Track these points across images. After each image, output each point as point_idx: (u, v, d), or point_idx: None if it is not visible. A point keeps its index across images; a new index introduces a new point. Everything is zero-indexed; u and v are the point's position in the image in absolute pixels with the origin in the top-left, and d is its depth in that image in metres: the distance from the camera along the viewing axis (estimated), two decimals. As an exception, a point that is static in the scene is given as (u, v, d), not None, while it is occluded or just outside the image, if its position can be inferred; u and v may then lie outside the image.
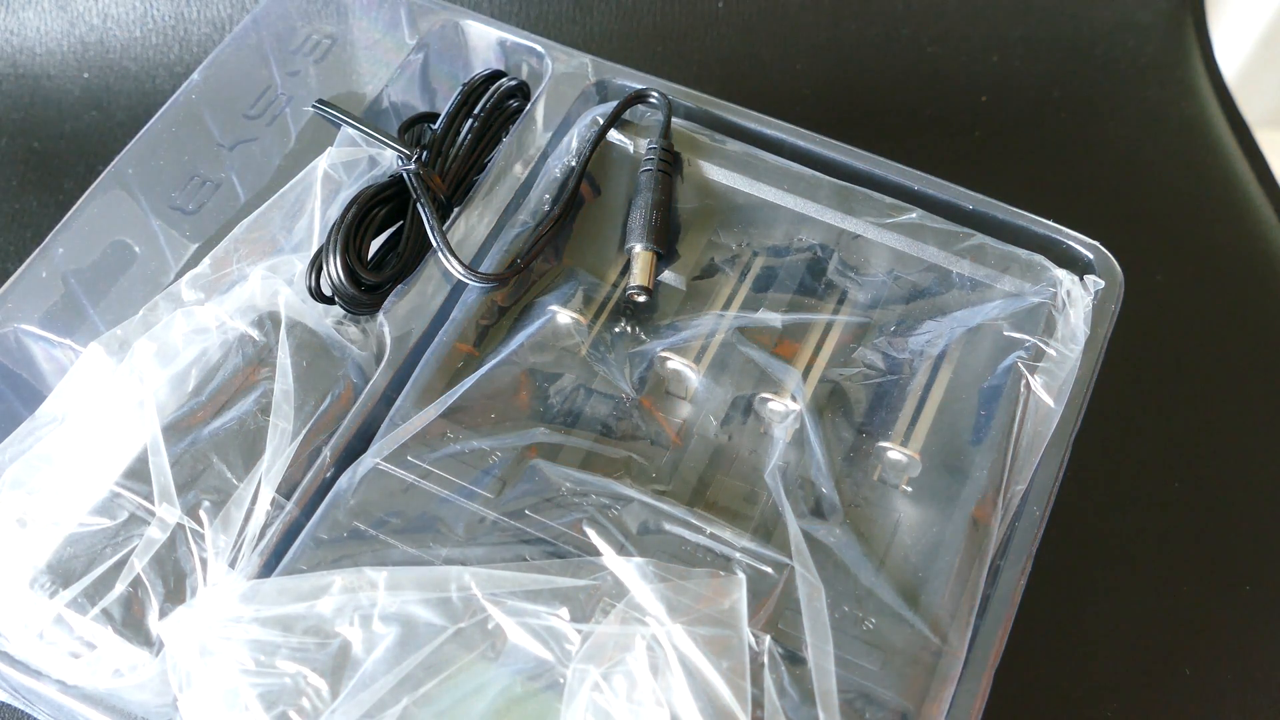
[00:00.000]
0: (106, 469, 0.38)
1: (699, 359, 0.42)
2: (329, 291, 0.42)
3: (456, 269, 0.42)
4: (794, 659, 0.35)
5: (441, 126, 0.46)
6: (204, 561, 0.37)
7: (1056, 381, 0.40)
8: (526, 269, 0.43)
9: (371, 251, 0.44)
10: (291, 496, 0.38)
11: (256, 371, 0.41)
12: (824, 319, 0.43)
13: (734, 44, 0.66)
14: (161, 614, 0.36)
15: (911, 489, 0.40)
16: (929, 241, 0.44)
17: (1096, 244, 0.44)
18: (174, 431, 0.39)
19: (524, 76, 0.50)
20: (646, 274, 0.43)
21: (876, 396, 0.42)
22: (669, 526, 0.37)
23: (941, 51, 0.66)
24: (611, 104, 0.47)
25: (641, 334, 0.43)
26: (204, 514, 0.37)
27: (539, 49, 0.49)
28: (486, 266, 0.43)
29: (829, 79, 0.66)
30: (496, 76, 0.48)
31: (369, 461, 0.38)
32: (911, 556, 0.38)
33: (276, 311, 0.41)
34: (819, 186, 0.45)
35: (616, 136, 0.47)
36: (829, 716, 0.34)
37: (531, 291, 0.44)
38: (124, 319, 0.42)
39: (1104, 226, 0.46)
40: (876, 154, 0.46)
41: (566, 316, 0.42)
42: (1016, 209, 0.45)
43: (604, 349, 0.42)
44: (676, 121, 0.47)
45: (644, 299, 0.43)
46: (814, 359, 0.42)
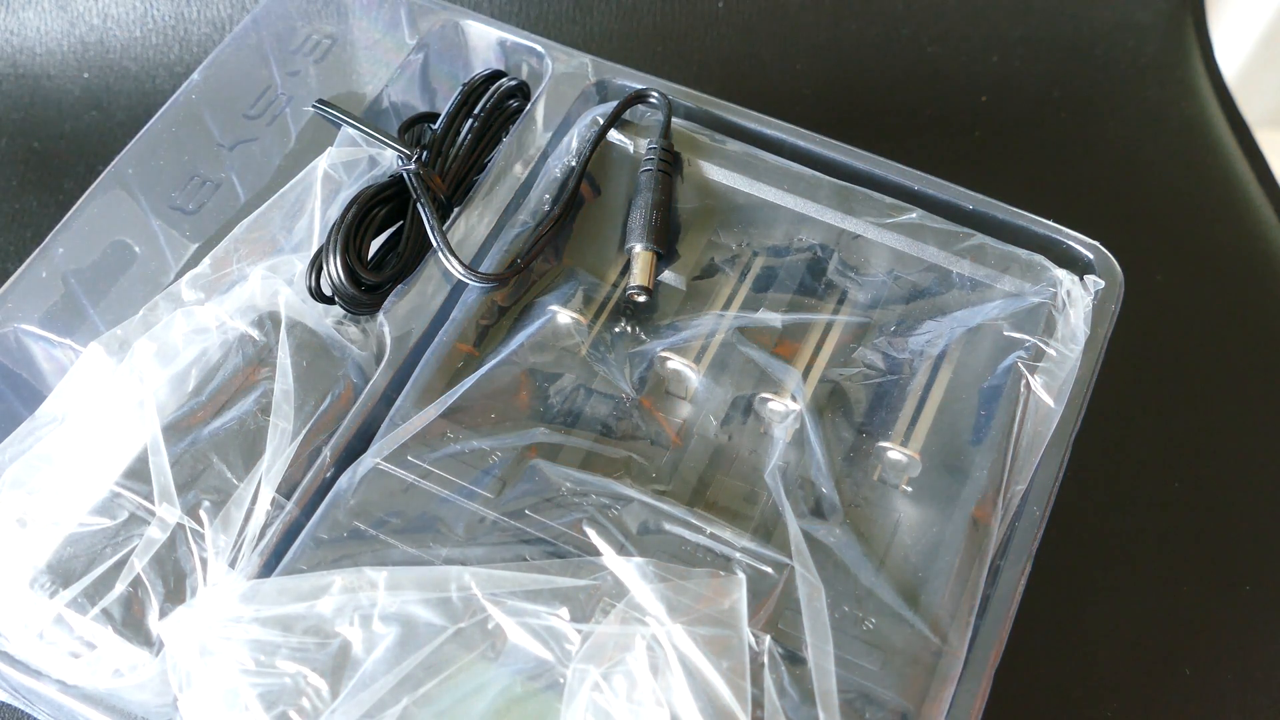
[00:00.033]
0: (106, 469, 0.38)
1: (699, 359, 0.42)
2: (329, 291, 0.42)
3: (456, 269, 0.42)
4: (794, 659, 0.35)
5: (441, 126, 0.46)
6: (204, 561, 0.37)
7: (1056, 381, 0.40)
8: (526, 269, 0.43)
9: (371, 251, 0.44)
10: (291, 496, 0.38)
11: (256, 371, 0.41)
12: (824, 319, 0.43)
13: (734, 44, 0.66)
14: (161, 614, 0.36)
15: (911, 489, 0.40)
16: (929, 241, 0.44)
17: (1096, 244, 0.44)
18: (174, 431, 0.39)
19: (524, 76, 0.50)
20: (646, 274, 0.43)
21: (876, 396, 0.42)
22: (669, 526, 0.37)
23: (941, 51, 0.66)
24: (611, 104, 0.47)
25: (641, 334, 0.43)
26: (204, 514, 0.37)
27: (539, 49, 0.49)
28: (486, 266, 0.43)
29: (829, 79, 0.66)
30: (496, 76, 0.48)
31: (369, 461, 0.38)
32: (911, 556, 0.38)
33: (276, 311, 0.41)
34: (819, 186, 0.45)
35: (616, 136, 0.47)
36: (829, 716, 0.33)
37: (531, 291, 0.44)
38: (124, 319, 0.42)
39: (1104, 226, 0.46)
40: (876, 154, 0.46)
41: (566, 316, 0.42)
42: (1016, 209, 0.45)
43: (604, 349, 0.42)
44: (676, 121, 0.47)
45: (644, 299, 0.43)
46: (814, 359, 0.42)
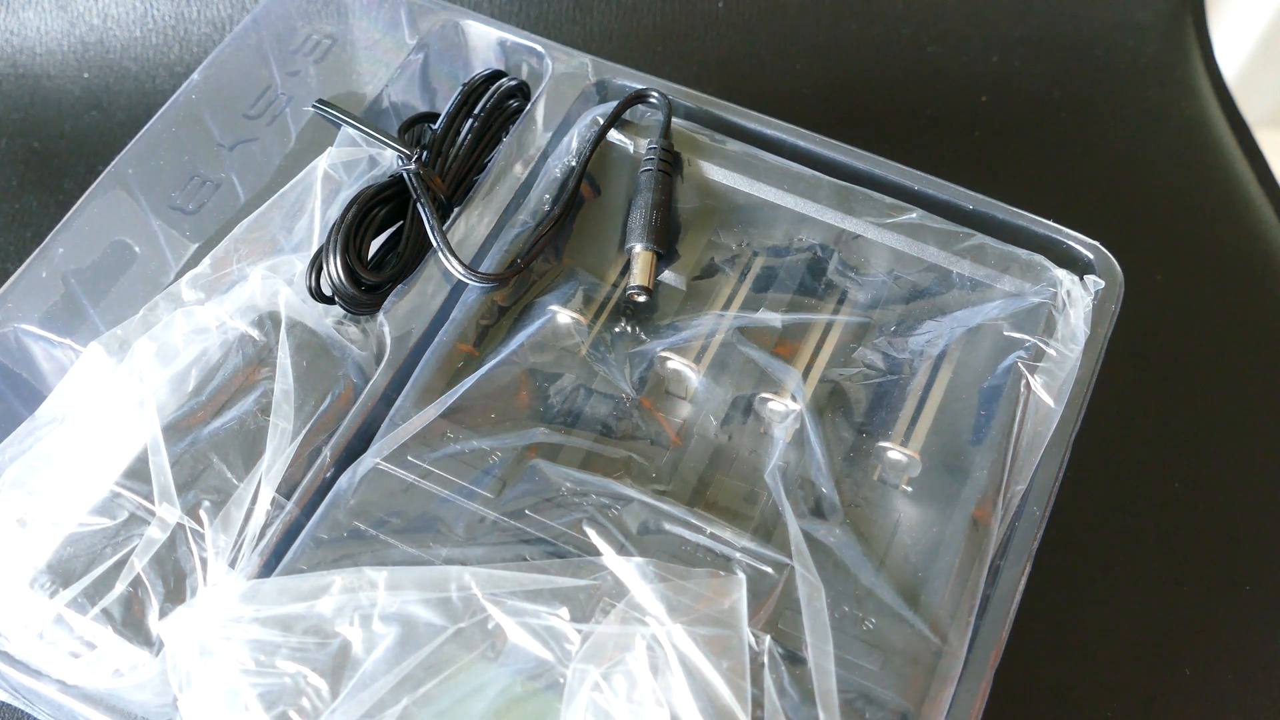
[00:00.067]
0: (106, 469, 0.38)
1: (699, 359, 0.42)
2: (329, 291, 0.42)
3: (456, 269, 0.42)
4: (794, 659, 0.35)
5: (441, 126, 0.46)
6: (204, 561, 0.37)
7: (1056, 381, 0.40)
8: (526, 269, 0.43)
9: (371, 251, 0.44)
10: (291, 496, 0.38)
11: (256, 371, 0.41)
12: (824, 319, 0.43)
13: (734, 44, 0.66)
14: (161, 614, 0.36)
15: (911, 489, 0.40)
16: (929, 241, 0.44)
17: (1096, 244, 0.44)
18: (174, 431, 0.39)
19: (524, 76, 0.50)
20: (646, 274, 0.43)
21: (876, 396, 0.42)
22: (669, 526, 0.37)
23: (941, 51, 0.66)
24: (611, 104, 0.47)
25: (641, 334, 0.43)
26: (204, 514, 0.37)
27: (539, 49, 0.49)
28: (486, 266, 0.43)
29: (829, 79, 0.66)
30: (496, 76, 0.48)
31: (369, 461, 0.38)
32: (911, 556, 0.38)
33: (276, 311, 0.41)
34: (819, 186, 0.45)
35: (616, 136, 0.47)
36: (829, 716, 0.33)
37: (531, 291, 0.44)
38: (124, 319, 0.42)
39: (1104, 226, 0.46)
40: (876, 154, 0.46)
41: (566, 316, 0.42)
42: (1016, 209, 0.45)
43: (604, 349, 0.42)
44: (676, 121, 0.47)
45: (644, 299, 0.43)
46: (814, 359, 0.42)
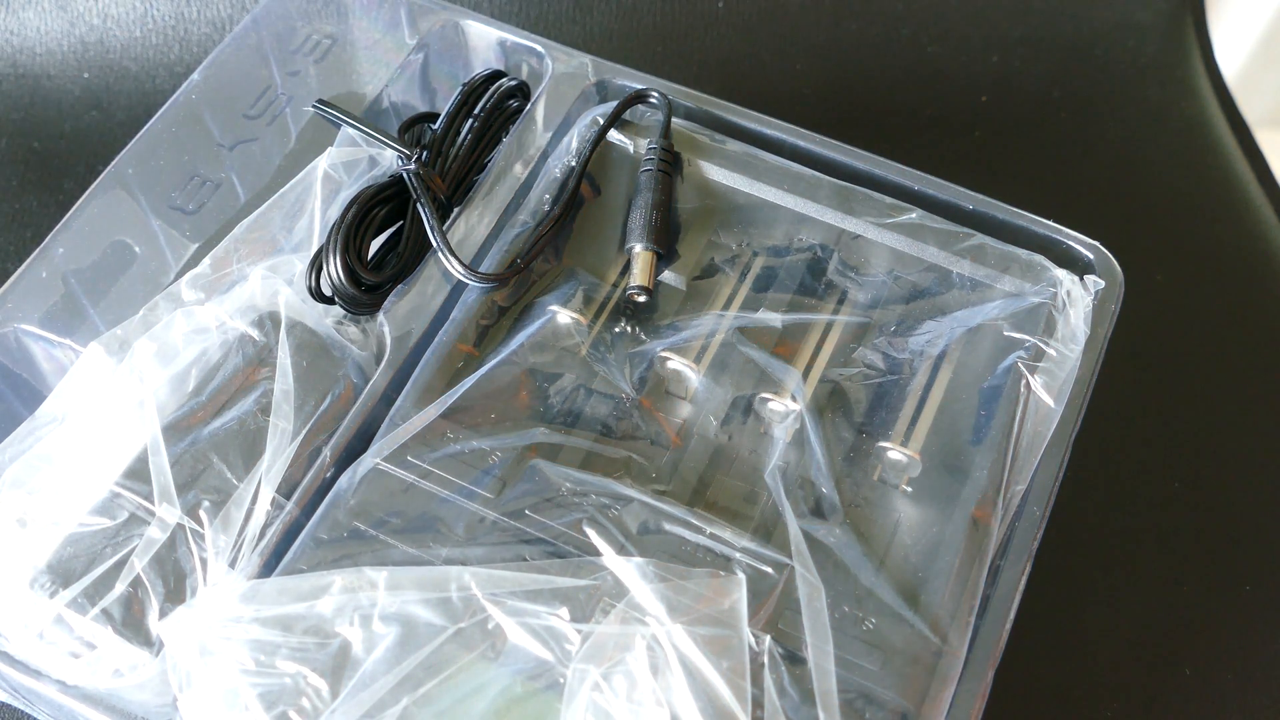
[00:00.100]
0: (106, 469, 0.38)
1: (699, 359, 0.42)
2: (329, 291, 0.42)
3: (456, 269, 0.42)
4: (794, 659, 0.35)
5: (441, 126, 0.46)
6: (204, 561, 0.37)
7: (1056, 381, 0.40)
8: (526, 269, 0.43)
9: (371, 251, 0.44)
10: (291, 496, 0.38)
11: (256, 371, 0.41)
12: (824, 319, 0.43)
13: (734, 44, 0.66)
14: (161, 614, 0.36)
15: (911, 489, 0.40)
16: (929, 241, 0.44)
17: (1096, 244, 0.44)
18: (174, 431, 0.39)
19: (524, 76, 0.50)
20: (646, 274, 0.43)
21: (876, 396, 0.42)
22: (669, 526, 0.37)
23: (941, 51, 0.66)
24: (611, 104, 0.47)
25: (641, 334, 0.43)
26: (204, 514, 0.37)
27: (539, 49, 0.49)
28: (486, 266, 0.43)
29: (829, 79, 0.66)
30: (496, 76, 0.48)
31: (369, 461, 0.38)
32: (911, 556, 0.38)
33: (276, 311, 0.41)
34: (819, 186, 0.45)
35: (616, 136, 0.47)
36: (829, 716, 0.33)
37: (531, 291, 0.44)
38: (124, 319, 0.42)
39: (1104, 226, 0.46)
40: (876, 154, 0.46)
41: (566, 316, 0.42)
42: (1016, 209, 0.45)
43: (604, 349, 0.42)
44: (676, 121, 0.47)
45: (644, 299, 0.43)
46: (814, 359, 0.42)
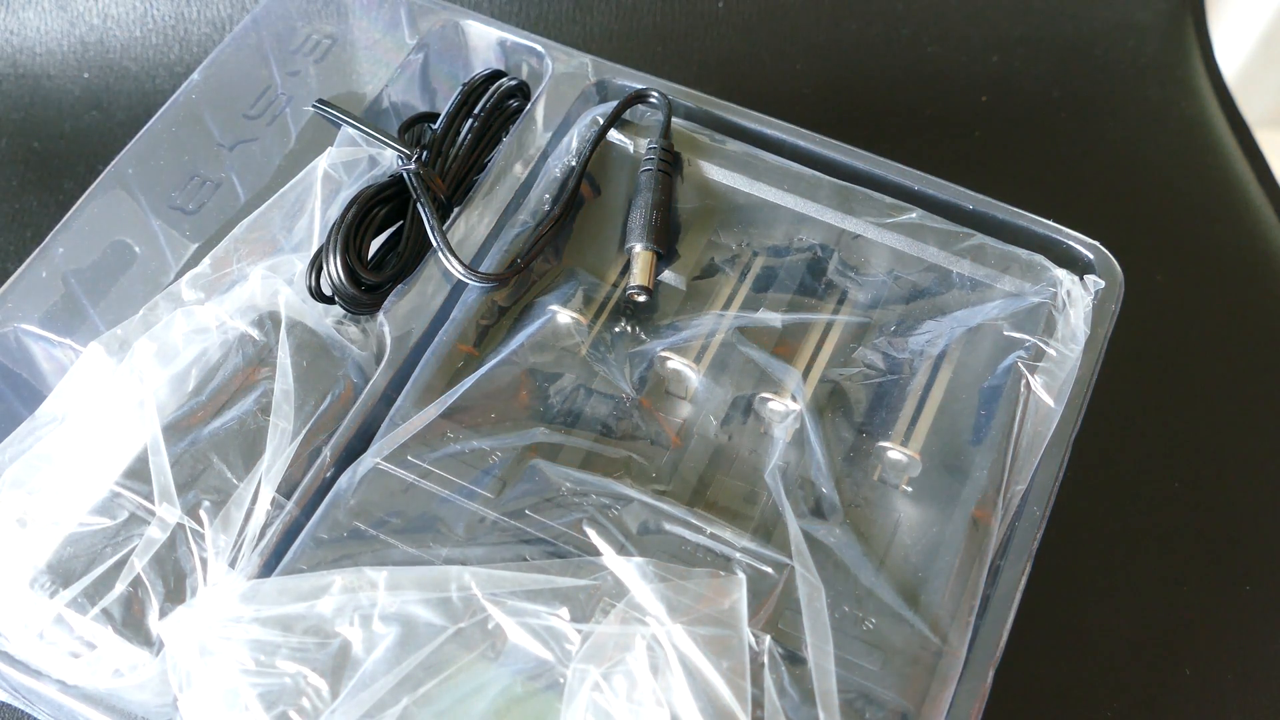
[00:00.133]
0: (106, 469, 0.38)
1: (699, 359, 0.42)
2: (329, 291, 0.42)
3: (456, 269, 0.42)
4: (794, 659, 0.35)
5: (441, 126, 0.46)
6: (204, 561, 0.37)
7: (1056, 381, 0.40)
8: (526, 269, 0.43)
9: (371, 251, 0.44)
10: (291, 496, 0.38)
11: (256, 371, 0.41)
12: (824, 319, 0.43)
13: (734, 44, 0.66)
14: (161, 614, 0.36)
15: (911, 489, 0.40)
16: (929, 241, 0.44)
17: (1096, 244, 0.44)
18: (174, 431, 0.39)
19: (524, 76, 0.50)
20: (646, 274, 0.43)
21: (876, 396, 0.42)
22: (669, 526, 0.37)
23: (941, 51, 0.66)
24: (611, 104, 0.47)
25: (641, 334, 0.43)
26: (204, 514, 0.37)
27: (539, 49, 0.49)
28: (486, 266, 0.43)
29: (829, 79, 0.66)
30: (496, 76, 0.48)
31: (369, 461, 0.38)
32: (911, 556, 0.38)
33: (276, 311, 0.41)
34: (819, 186, 0.45)
35: (616, 136, 0.47)
36: (829, 716, 0.33)
37: (531, 291, 0.44)
38: (124, 319, 0.42)
39: (1104, 226, 0.46)
40: (876, 154, 0.46)
41: (566, 316, 0.42)
42: (1016, 209, 0.45)
43: (604, 349, 0.42)
44: (676, 121, 0.47)
45: (644, 299, 0.43)
46: (814, 359, 0.42)
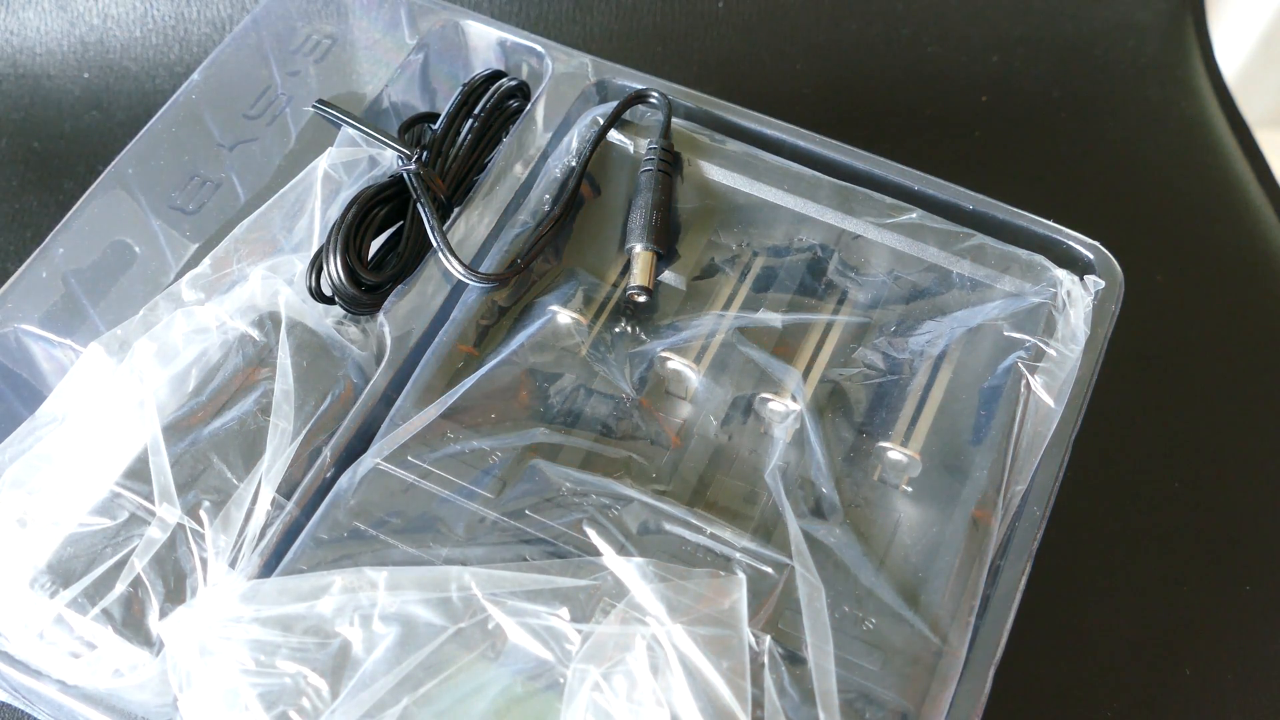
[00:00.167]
0: (106, 469, 0.38)
1: (699, 359, 0.42)
2: (329, 291, 0.42)
3: (456, 269, 0.42)
4: (794, 659, 0.35)
5: (441, 126, 0.46)
6: (204, 561, 0.37)
7: (1056, 381, 0.40)
8: (526, 269, 0.43)
9: (371, 251, 0.44)
10: (291, 496, 0.38)
11: (256, 371, 0.41)
12: (824, 319, 0.43)
13: (734, 44, 0.66)
14: (161, 614, 0.36)
15: (911, 489, 0.40)
16: (929, 241, 0.44)
17: (1096, 244, 0.44)
18: (174, 431, 0.39)
19: (524, 76, 0.50)
20: (646, 274, 0.43)
21: (876, 396, 0.42)
22: (669, 526, 0.37)
23: (941, 51, 0.66)
24: (611, 104, 0.47)
25: (641, 334, 0.43)
26: (204, 514, 0.37)
27: (539, 49, 0.49)
28: (486, 266, 0.43)
29: (829, 79, 0.66)
30: (496, 76, 0.48)
31: (369, 461, 0.38)
32: (911, 556, 0.38)
33: (276, 311, 0.41)
34: (819, 186, 0.45)
35: (616, 136, 0.47)
36: (829, 716, 0.33)
37: (531, 291, 0.44)
38: (124, 319, 0.42)
39: (1104, 226, 0.46)
40: (876, 154, 0.46)
41: (566, 316, 0.42)
42: (1016, 209, 0.45)
43: (604, 349, 0.42)
44: (676, 121, 0.47)
45: (644, 299, 0.43)
46: (814, 359, 0.42)
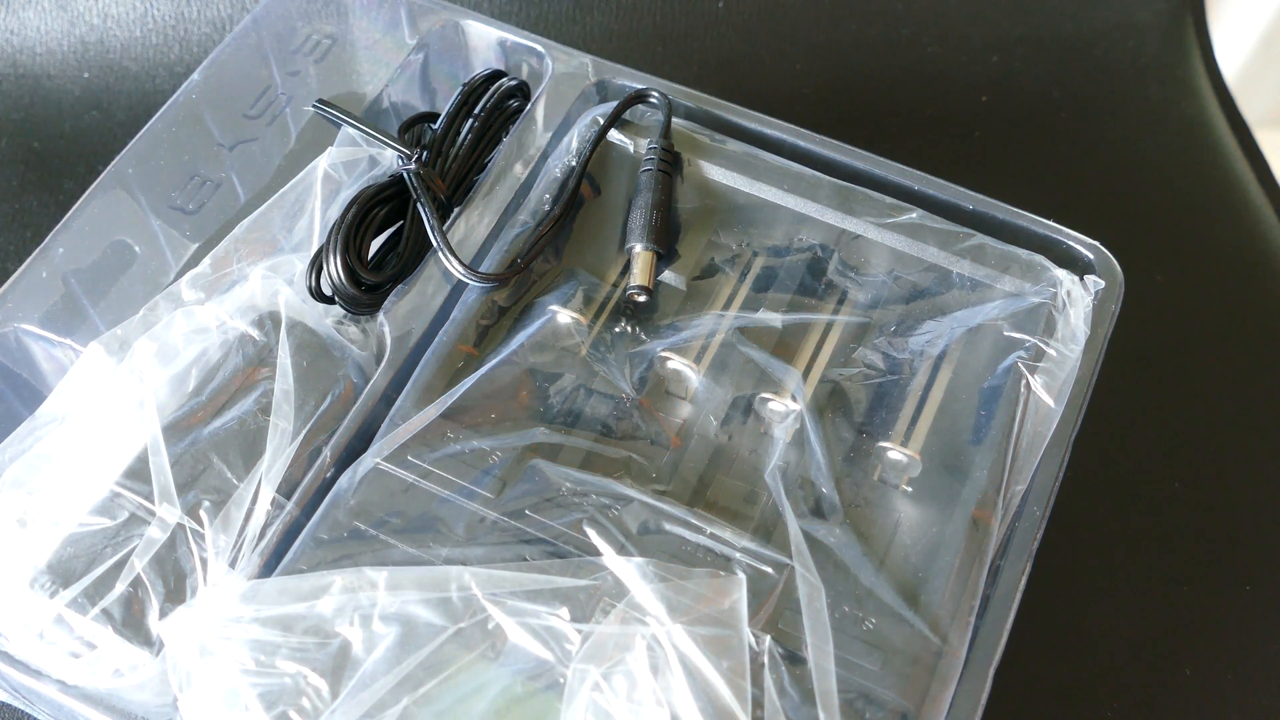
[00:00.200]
0: (106, 469, 0.38)
1: (699, 359, 0.42)
2: (329, 291, 0.42)
3: (456, 269, 0.42)
4: (794, 659, 0.35)
5: (441, 126, 0.46)
6: (204, 561, 0.37)
7: (1056, 381, 0.40)
8: (526, 269, 0.43)
9: (371, 251, 0.44)
10: (291, 496, 0.38)
11: (256, 371, 0.41)
12: (824, 319, 0.43)
13: (734, 44, 0.66)
14: (161, 614, 0.36)
15: (911, 489, 0.40)
16: (929, 241, 0.44)
17: (1096, 244, 0.44)
18: (174, 431, 0.39)
19: (524, 76, 0.50)
20: (646, 274, 0.43)
21: (876, 396, 0.42)
22: (669, 526, 0.37)
23: (941, 51, 0.66)
24: (611, 104, 0.47)
25: (641, 334, 0.43)
26: (204, 514, 0.37)
27: (539, 49, 0.49)
28: (486, 266, 0.43)
29: (829, 79, 0.66)
30: (497, 76, 0.48)
31: (369, 461, 0.38)
32: (911, 556, 0.38)
33: (276, 311, 0.41)
34: (819, 186, 0.45)
35: (616, 136, 0.47)
36: (829, 716, 0.33)
37: (531, 291, 0.44)
38: (124, 319, 0.42)
39: (1104, 226, 0.46)
40: (876, 154, 0.46)
41: (566, 316, 0.42)
42: (1016, 209, 0.45)
43: (604, 349, 0.42)
44: (676, 121, 0.47)
45: (644, 299, 0.43)
46: (814, 359, 0.42)
